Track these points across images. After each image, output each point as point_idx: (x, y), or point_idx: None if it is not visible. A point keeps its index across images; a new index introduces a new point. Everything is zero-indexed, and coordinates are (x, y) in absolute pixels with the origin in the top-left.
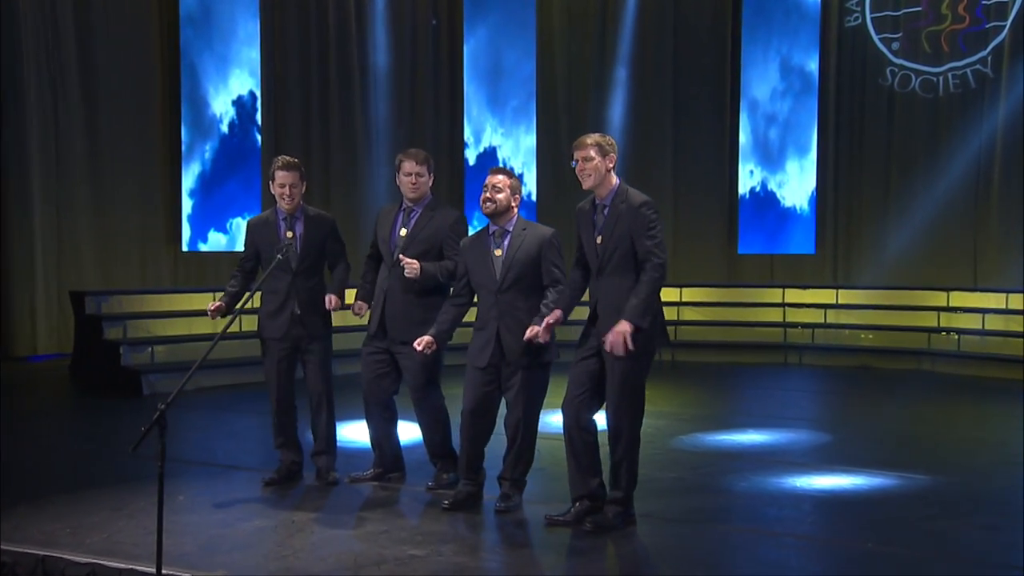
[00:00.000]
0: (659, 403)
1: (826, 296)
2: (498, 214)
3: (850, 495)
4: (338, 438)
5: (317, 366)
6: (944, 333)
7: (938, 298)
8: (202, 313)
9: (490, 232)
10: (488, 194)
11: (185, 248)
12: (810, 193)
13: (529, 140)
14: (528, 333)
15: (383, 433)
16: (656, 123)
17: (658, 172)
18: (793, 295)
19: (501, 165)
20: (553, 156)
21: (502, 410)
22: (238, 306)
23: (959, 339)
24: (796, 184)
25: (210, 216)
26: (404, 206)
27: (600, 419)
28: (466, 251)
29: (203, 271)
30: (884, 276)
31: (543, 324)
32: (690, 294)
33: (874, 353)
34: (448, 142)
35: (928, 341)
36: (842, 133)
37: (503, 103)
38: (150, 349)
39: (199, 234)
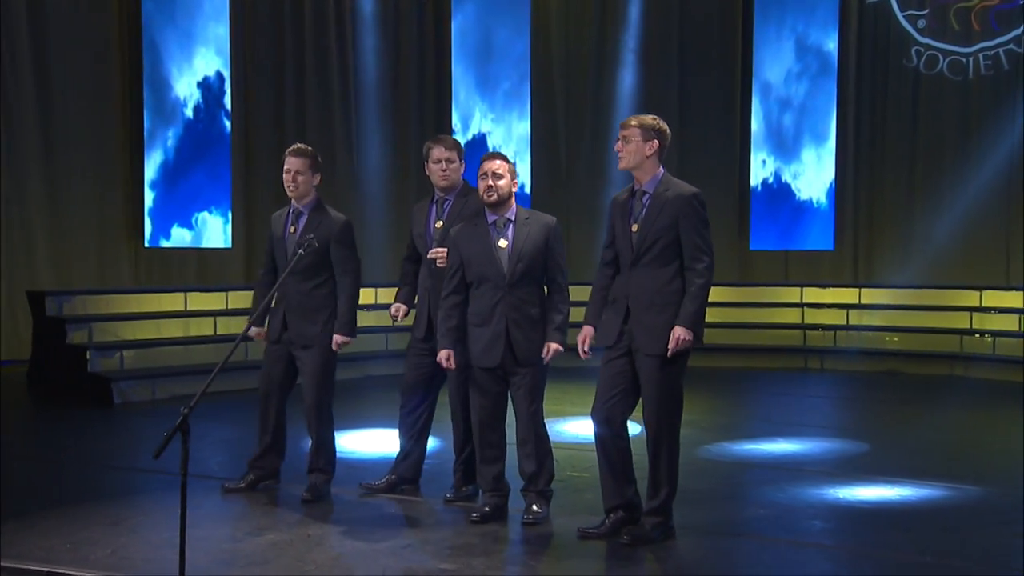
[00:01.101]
0: None
1: (848, 296)
2: (502, 202)
3: (898, 507)
4: (342, 451)
5: (308, 378)
6: (977, 335)
7: (970, 297)
8: (173, 315)
9: (490, 221)
10: (489, 182)
11: (146, 244)
12: (828, 184)
13: (522, 127)
14: (551, 352)
15: (417, 439)
16: (660, 107)
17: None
18: (812, 294)
19: (494, 150)
20: (549, 144)
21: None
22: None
23: (994, 341)
24: (813, 175)
25: (173, 210)
26: (436, 197)
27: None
28: (461, 242)
29: (167, 269)
30: (910, 274)
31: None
32: None
33: (902, 357)
34: (434, 128)
35: (960, 344)
36: (863, 119)
37: (494, 86)
38: (119, 354)
39: (161, 230)
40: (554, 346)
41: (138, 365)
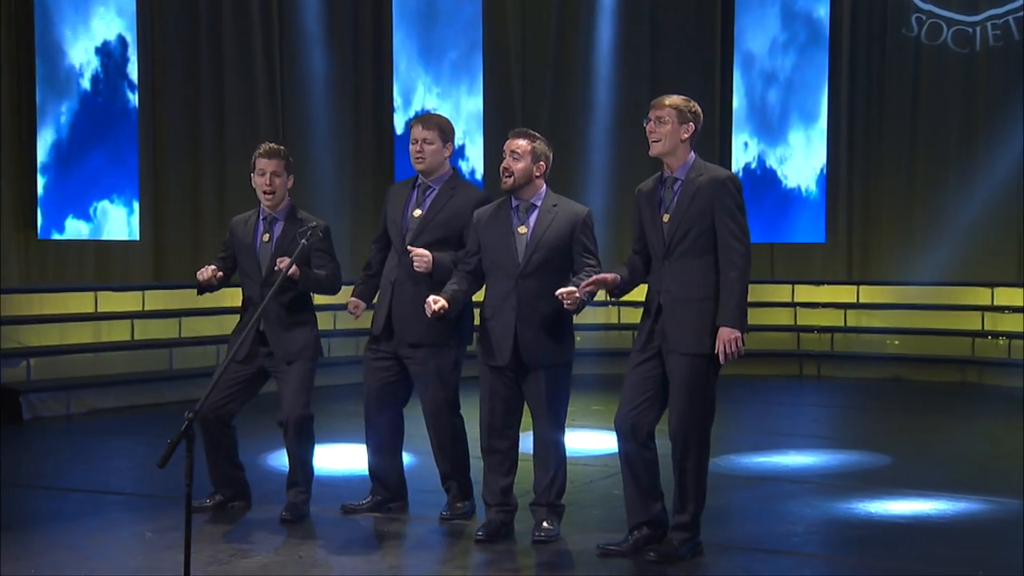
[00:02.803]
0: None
1: (844, 294)
2: (519, 187)
3: (936, 521)
4: (315, 469)
5: (291, 392)
6: (990, 337)
7: (980, 295)
8: (82, 317)
9: (513, 205)
10: (505, 163)
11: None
12: (819, 170)
13: (473, 103)
14: (564, 294)
15: (386, 455)
16: (629, 82)
17: (632, 141)
18: (804, 292)
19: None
20: (504, 122)
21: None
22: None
23: (1008, 344)
24: (801, 159)
25: (68, 198)
26: (419, 182)
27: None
28: (482, 225)
29: (62, 265)
30: (912, 270)
31: (588, 281)
32: None
33: (908, 362)
34: (372, 105)
35: (972, 347)
36: (858, 95)
37: (439, 55)
38: (25, 363)
39: (53, 221)
40: (569, 288)
41: (48, 375)
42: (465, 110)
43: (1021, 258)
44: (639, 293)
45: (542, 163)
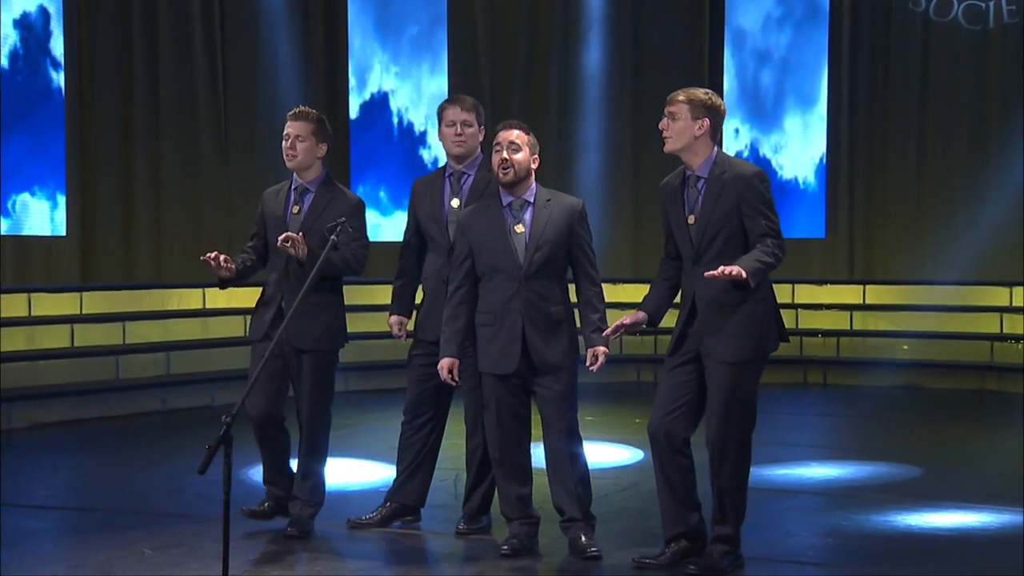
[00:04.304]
0: None
1: (850, 295)
2: (519, 180)
3: (981, 533)
4: (326, 485)
5: (306, 389)
6: (1010, 341)
7: (998, 295)
8: (15, 322)
9: (505, 203)
10: (504, 154)
11: None
12: (817, 159)
13: (436, 83)
14: (600, 358)
15: (422, 462)
16: (609, 62)
17: (613, 129)
18: (805, 293)
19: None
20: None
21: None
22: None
23: None
24: (798, 147)
25: None
26: (450, 171)
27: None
28: (469, 226)
29: None
30: (921, 268)
31: (610, 329)
32: None
33: (921, 368)
34: (324, 86)
35: (991, 352)
36: (860, 77)
37: (398, 29)
38: None
39: None
40: (602, 349)
41: None
42: (427, 91)
43: None
44: (631, 294)
45: (536, 155)
